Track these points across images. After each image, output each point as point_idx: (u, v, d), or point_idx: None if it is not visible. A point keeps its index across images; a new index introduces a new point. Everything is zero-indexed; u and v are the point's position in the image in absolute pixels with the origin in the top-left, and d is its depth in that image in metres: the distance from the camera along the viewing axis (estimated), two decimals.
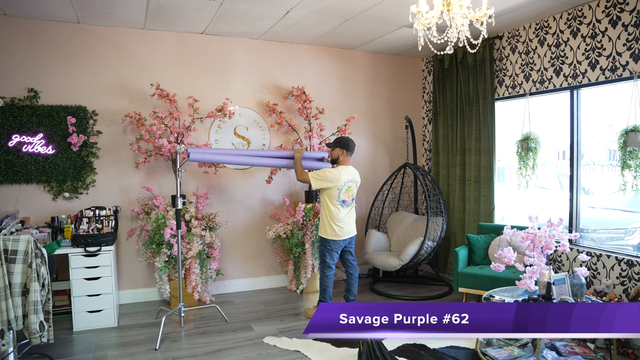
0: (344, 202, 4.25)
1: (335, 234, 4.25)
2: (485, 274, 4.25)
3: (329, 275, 4.35)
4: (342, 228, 4.27)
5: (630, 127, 3.69)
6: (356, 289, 4.51)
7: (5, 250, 2.94)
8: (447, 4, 2.74)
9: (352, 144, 4.35)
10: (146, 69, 4.86)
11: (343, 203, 4.25)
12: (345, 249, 4.40)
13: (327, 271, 4.34)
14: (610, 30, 3.90)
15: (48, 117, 4.46)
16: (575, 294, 3.35)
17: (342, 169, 4.25)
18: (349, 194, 4.28)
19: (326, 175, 4.17)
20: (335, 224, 4.23)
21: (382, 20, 4.63)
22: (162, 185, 4.94)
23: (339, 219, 4.24)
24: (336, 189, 4.20)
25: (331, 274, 4.36)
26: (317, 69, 5.64)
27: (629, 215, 4.51)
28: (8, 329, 2.92)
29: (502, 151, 5.19)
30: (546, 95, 4.60)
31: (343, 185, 4.21)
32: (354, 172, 4.35)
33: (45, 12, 4.27)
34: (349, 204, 4.30)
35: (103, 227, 4.24)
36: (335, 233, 4.25)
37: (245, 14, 4.41)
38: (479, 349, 3.53)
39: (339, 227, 4.24)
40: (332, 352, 3.60)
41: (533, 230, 3.57)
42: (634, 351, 3.52)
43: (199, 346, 3.77)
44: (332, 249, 4.29)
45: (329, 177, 4.17)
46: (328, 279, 4.35)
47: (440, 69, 5.75)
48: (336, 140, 4.37)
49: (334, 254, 4.31)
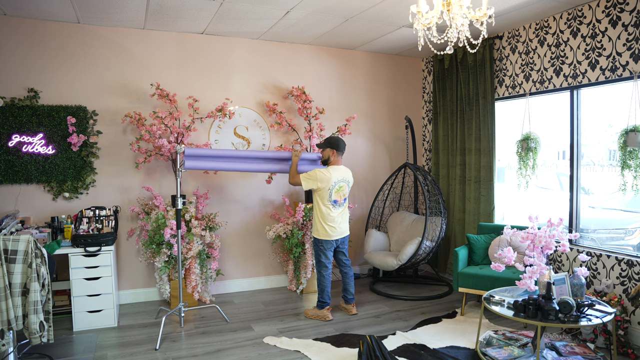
0: (336, 202, 4.26)
1: (327, 234, 4.26)
2: (485, 274, 4.25)
3: (326, 275, 4.36)
4: (335, 228, 4.28)
5: (630, 127, 3.69)
6: (353, 287, 4.53)
7: (5, 250, 2.94)
8: (447, 4, 2.74)
9: (343, 144, 4.37)
10: (146, 69, 4.86)
11: (335, 203, 4.26)
12: (338, 249, 4.41)
13: (324, 271, 4.35)
14: (610, 30, 3.90)
15: (48, 117, 4.46)
16: (575, 294, 3.35)
17: (332, 169, 4.26)
18: (341, 194, 4.29)
19: (316, 175, 4.19)
20: (327, 224, 4.25)
21: (382, 20, 4.63)
22: (162, 185, 4.94)
23: (331, 219, 4.25)
24: (327, 190, 4.21)
25: (328, 273, 4.37)
26: (317, 69, 5.64)
27: (629, 215, 4.51)
28: (8, 329, 2.92)
29: (502, 151, 5.19)
30: (546, 95, 4.59)
31: (334, 185, 4.22)
32: (345, 172, 4.36)
33: (45, 12, 4.27)
34: (340, 204, 4.31)
35: (103, 227, 4.24)
36: (327, 233, 4.26)
37: (245, 14, 4.40)
38: (479, 349, 3.53)
39: (331, 227, 4.25)
40: (332, 352, 3.60)
41: (533, 230, 3.57)
42: (634, 351, 3.52)
43: (199, 346, 3.77)
44: (325, 249, 4.31)
45: (319, 177, 4.18)
46: (325, 278, 4.36)
47: (440, 69, 5.75)
48: (326, 140, 4.39)
49: (328, 253, 4.33)
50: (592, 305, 3.15)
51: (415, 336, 3.89)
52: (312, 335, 3.98)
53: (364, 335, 3.79)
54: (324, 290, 4.36)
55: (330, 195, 4.23)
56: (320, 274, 4.37)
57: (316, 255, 4.40)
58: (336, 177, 4.24)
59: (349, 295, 4.51)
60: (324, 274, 4.36)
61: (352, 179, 4.47)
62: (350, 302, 4.52)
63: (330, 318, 4.34)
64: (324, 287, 4.36)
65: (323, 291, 4.37)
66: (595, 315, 3.11)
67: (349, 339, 3.86)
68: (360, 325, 4.21)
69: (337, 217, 4.28)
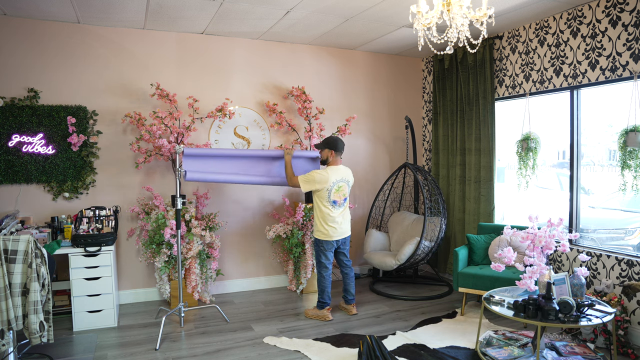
0: (335, 203, 4.25)
1: (329, 234, 4.25)
2: (485, 274, 4.25)
3: (326, 275, 4.36)
4: (336, 229, 4.27)
5: (630, 127, 3.69)
6: (353, 288, 4.52)
7: (5, 250, 2.94)
8: (447, 4, 2.74)
9: (341, 144, 4.35)
10: (146, 69, 4.86)
11: (334, 203, 4.24)
12: (339, 249, 4.41)
13: (324, 271, 4.35)
14: (610, 30, 3.90)
15: (48, 117, 4.46)
16: (575, 294, 3.35)
17: (330, 169, 4.25)
18: (340, 194, 4.27)
19: (314, 177, 4.18)
20: (328, 224, 4.24)
21: (382, 20, 4.63)
22: (162, 185, 4.94)
23: (331, 220, 4.24)
24: (326, 190, 4.19)
25: (328, 274, 4.36)
26: (317, 69, 5.64)
27: (629, 215, 4.51)
28: (8, 329, 2.92)
29: (502, 151, 5.19)
30: (546, 95, 4.59)
31: (332, 185, 4.21)
32: (345, 172, 4.35)
33: (45, 12, 4.27)
34: (340, 204, 4.29)
35: (103, 227, 4.24)
36: (329, 234, 4.25)
37: (245, 14, 4.41)
38: (479, 349, 3.53)
39: (332, 227, 4.25)
40: (332, 352, 3.60)
41: (533, 230, 3.57)
42: (634, 351, 3.52)
43: (199, 346, 3.77)
44: (325, 249, 4.30)
45: (317, 178, 4.17)
46: (325, 279, 4.36)
47: (440, 69, 5.75)
48: (324, 141, 4.37)
49: (328, 254, 4.32)
50: (592, 305, 3.15)
51: (415, 336, 3.89)
52: (312, 335, 3.98)
53: (364, 335, 3.79)
54: (324, 291, 4.36)
55: (329, 195, 4.22)
56: (320, 274, 4.37)
57: (317, 256, 4.40)
58: (335, 177, 4.23)
59: (349, 296, 4.51)
60: (324, 274, 4.35)
61: (353, 178, 4.46)
62: (350, 303, 4.52)
63: (330, 318, 4.34)
64: (324, 288, 4.36)
65: (323, 291, 4.36)
66: (595, 315, 3.11)
67: (349, 339, 3.86)
68: (360, 325, 4.21)
69: (337, 218, 4.27)
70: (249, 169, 4.52)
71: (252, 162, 4.55)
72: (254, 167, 4.55)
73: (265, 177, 4.54)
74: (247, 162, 4.53)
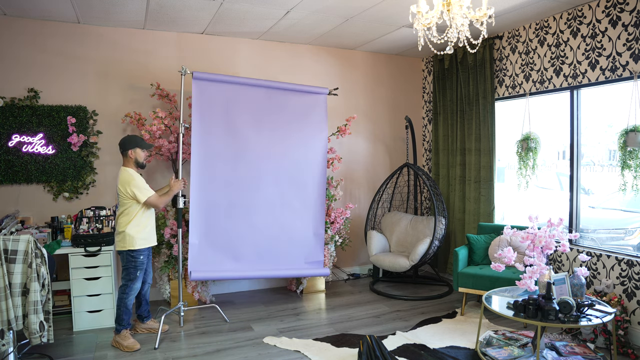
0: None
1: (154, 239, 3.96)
2: (485, 274, 4.25)
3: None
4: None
5: (630, 127, 3.69)
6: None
7: (5, 250, 2.94)
8: (447, 4, 2.74)
9: (127, 141, 3.85)
10: (146, 69, 4.86)
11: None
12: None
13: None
14: (610, 30, 3.90)
15: (48, 117, 4.46)
16: (575, 294, 3.35)
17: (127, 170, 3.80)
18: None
19: (143, 183, 3.78)
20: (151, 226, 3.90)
21: (382, 20, 4.63)
22: (162, 185, 4.93)
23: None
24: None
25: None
26: (317, 69, 5.64)
27: (629, 215, 4.51)
28: (8, 329, 2.92)
29: (502, 151, 5.19)
30: (546, 95, 4.59)
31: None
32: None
33: (45, 12, 4.27)
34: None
35: (103, 227, 4.24)
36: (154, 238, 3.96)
37: (245, 14, 4.41)
38: (479, 349, 3.53)
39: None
40: (332, 352, 3.60)
41: (533, 230, 3.57)
42: (634, 351, 3.52)
43: (199, 346, 3.77)
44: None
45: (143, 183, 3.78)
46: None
47: (440, 69, 5.75)
48: (125, 140, 3.85)
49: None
50: (592, 305, 3.15)
51: (415, 336, 3.89)
52: (312, 335, 3.98)
53: (364, 335, 3.79)
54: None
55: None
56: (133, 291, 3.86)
57: (135, 270, 3.81)
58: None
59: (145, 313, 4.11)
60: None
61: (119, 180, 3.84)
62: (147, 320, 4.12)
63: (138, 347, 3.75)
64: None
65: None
66: (595, 315, 3.11)
67: (349, 339, 3.86)
68: (360, 325, 4.21)
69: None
70: (256, 263, 4.52)
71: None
72: (262, 259, 4.56)
73: (272, 271, 4.59)
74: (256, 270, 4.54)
